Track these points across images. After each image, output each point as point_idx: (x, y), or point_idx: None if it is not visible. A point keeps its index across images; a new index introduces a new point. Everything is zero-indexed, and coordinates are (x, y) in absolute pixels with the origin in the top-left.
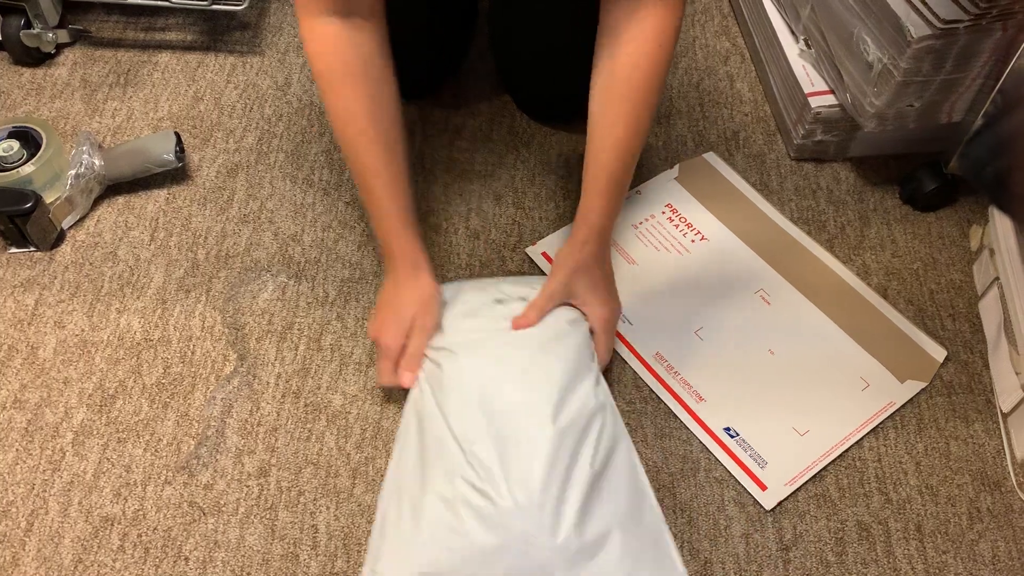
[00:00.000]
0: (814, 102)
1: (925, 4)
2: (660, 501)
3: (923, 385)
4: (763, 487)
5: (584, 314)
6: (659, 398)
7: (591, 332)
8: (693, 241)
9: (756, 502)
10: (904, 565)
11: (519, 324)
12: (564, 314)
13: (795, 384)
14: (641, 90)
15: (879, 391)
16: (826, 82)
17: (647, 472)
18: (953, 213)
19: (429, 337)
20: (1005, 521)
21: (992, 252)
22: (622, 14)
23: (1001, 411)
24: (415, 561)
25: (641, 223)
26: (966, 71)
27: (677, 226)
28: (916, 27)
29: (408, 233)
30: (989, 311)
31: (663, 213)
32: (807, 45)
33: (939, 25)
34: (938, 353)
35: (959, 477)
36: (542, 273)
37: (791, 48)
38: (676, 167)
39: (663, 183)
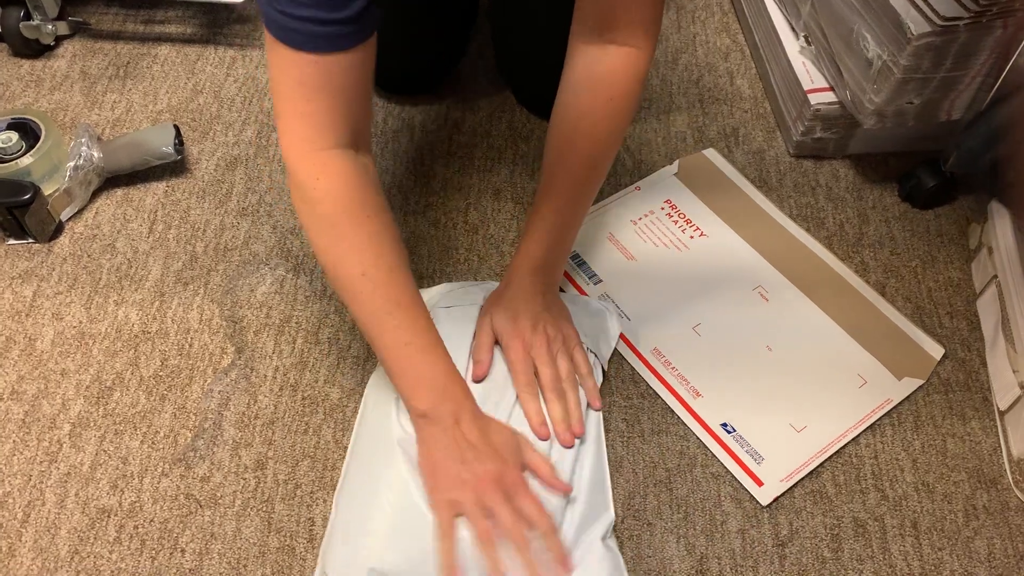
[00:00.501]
0: (814, 99)
1: (925, 1)
2: (656, 497)
3: (920, 382)
4: (759, 483)
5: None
6: (656, 394)
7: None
8: (692, 237)
9: (752, 498)
10: (900, 562)
11: (476, 376)
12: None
13: (792, 380)
14: (590, 139)
15: (876, 388)
16: (826, 79)
17: (643, 468)
18: (952, 211)
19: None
20: (1001, 519)
21: (991, 250)
22: (585, 57)
23: (998, 409)
24: (364, 556)
25: (640, 219)
26: (966, 68)
27: (676, 222)
28: (916, 24)
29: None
30: (987, 309)
31: (662, 209)
32: (807, 42)
33: (939, 22)
34: (936, 351)
35: (955, 474)
36: None
37: (791, 45)
38: (676, 163)
39: (662, 179)
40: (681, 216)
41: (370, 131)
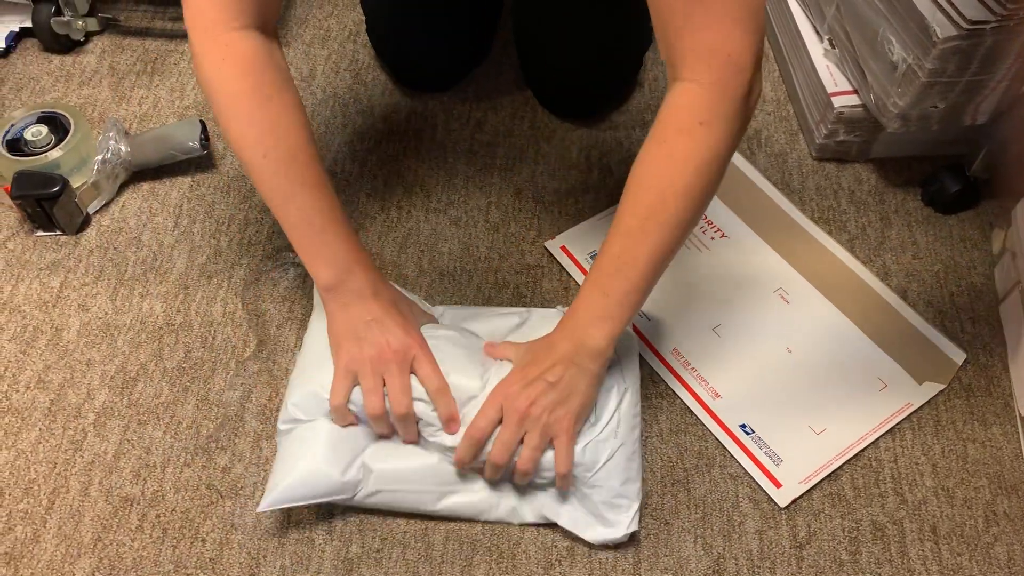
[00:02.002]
0: (837, 102)
1: (951, 4)
2: (674, 496)
3: (941, 387)
4: (778, 485)
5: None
6: (675, 394)
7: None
8: (713, 238)
9: (770, 499)
10: (919, 566)
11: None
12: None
13: (812, 383)
14: (672, 192)
15: (897, 392)
16: (850, 82)
17: (661, 467)
18: (975, 216)
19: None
20: (1022, 525)
21: (1014, 255)
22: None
23: (1020, 415)
24: (317, 380)
25: None
26: (992, 72)
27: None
28: (942, 27)
29: (358, 241)
30: (1010, 315)
31: None
32: (831, 45)
33: (965, 26)
34: (957, 356)
35: (976, 480)
36: (560, 267)
37: (815, 47)
38: None
39: None
40: (703, 217)
41: (277, 18)
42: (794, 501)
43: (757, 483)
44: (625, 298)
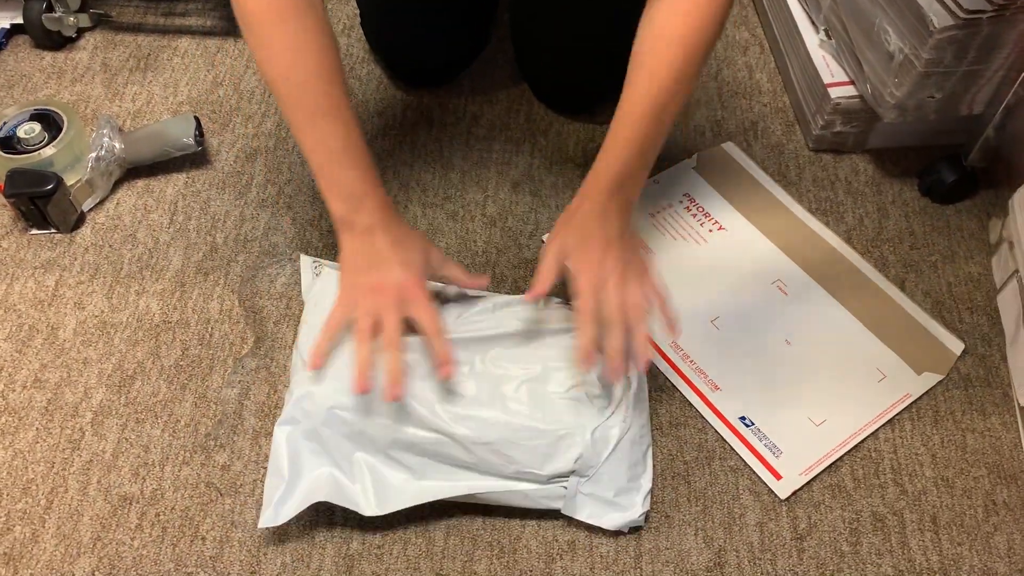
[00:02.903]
0: (834, 93)
1: None
2: (675, 489)
3: (940, 378)
4: (778, 476)
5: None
6: (674, 387)
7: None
8: (711, 231)
9: (770, 491)
10: (919, 556)
11: (530, 297)
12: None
13: (811, 374)
14: (678, 39)
15: (895, 383)
16: (846, 72)
17: (661, 460)
18: (972, 206)
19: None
20: (1021, 514)
21: (1011, 245)
22: None
23: (1019, 404)
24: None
25: (658, 212)
26: (988, 62)
27: (694, 215)
28: (939, 17)
29: (376, 174)
30: (1008, 304)
31: (680, 202)
32: (827, 35)
33: (962, 15)
34: (955, 346)
35: (975, 470)
36: None
37: (811, 38)
38: (694, 156)
39: (681, 173)
40: (700, 209)
41: None
42: (794, 493)
43: (757, 475)
44: (651, 156)
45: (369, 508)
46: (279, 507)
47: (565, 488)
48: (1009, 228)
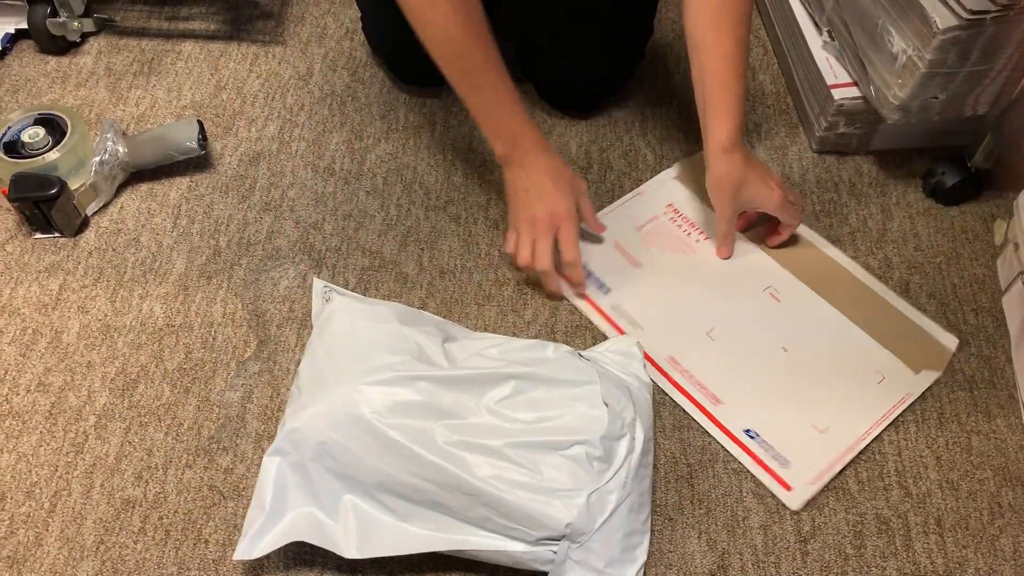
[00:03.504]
0: (837, 94)
1: None
2: (678, 492)
3: (937, 375)
4: (788, 488)
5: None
6: (676, 403)
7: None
8: (697, 241)
9: (774, 495)
10: (924, 559)
11: (721, 255)
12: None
13: (811, 381)
14: (736, 5)
15: (895, 384)
16: (849, 74)
17: (665, 463)
18: (977, 207)
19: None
20: None
21: (1016, 246)
22: None
23: None
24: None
25: (644, 224)
26: (992, 63)
27: (679, 226)
28: (942, 17)
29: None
30: (1013, 306)
31: (665, 214)
32: (831, 37)
33: (965, 16)
34: (950, 341)
35: (980, 472)
36: None
37: (814, 40)
38: (675, 165)
39: (663, 183)
40: (684, 220)
41: None
42: (806, 503)
43: (767, 488)
44: (739, 121)
45: (349, 551)
46: (255, 541)
47: (554, 553)
48: (1014, 229)
